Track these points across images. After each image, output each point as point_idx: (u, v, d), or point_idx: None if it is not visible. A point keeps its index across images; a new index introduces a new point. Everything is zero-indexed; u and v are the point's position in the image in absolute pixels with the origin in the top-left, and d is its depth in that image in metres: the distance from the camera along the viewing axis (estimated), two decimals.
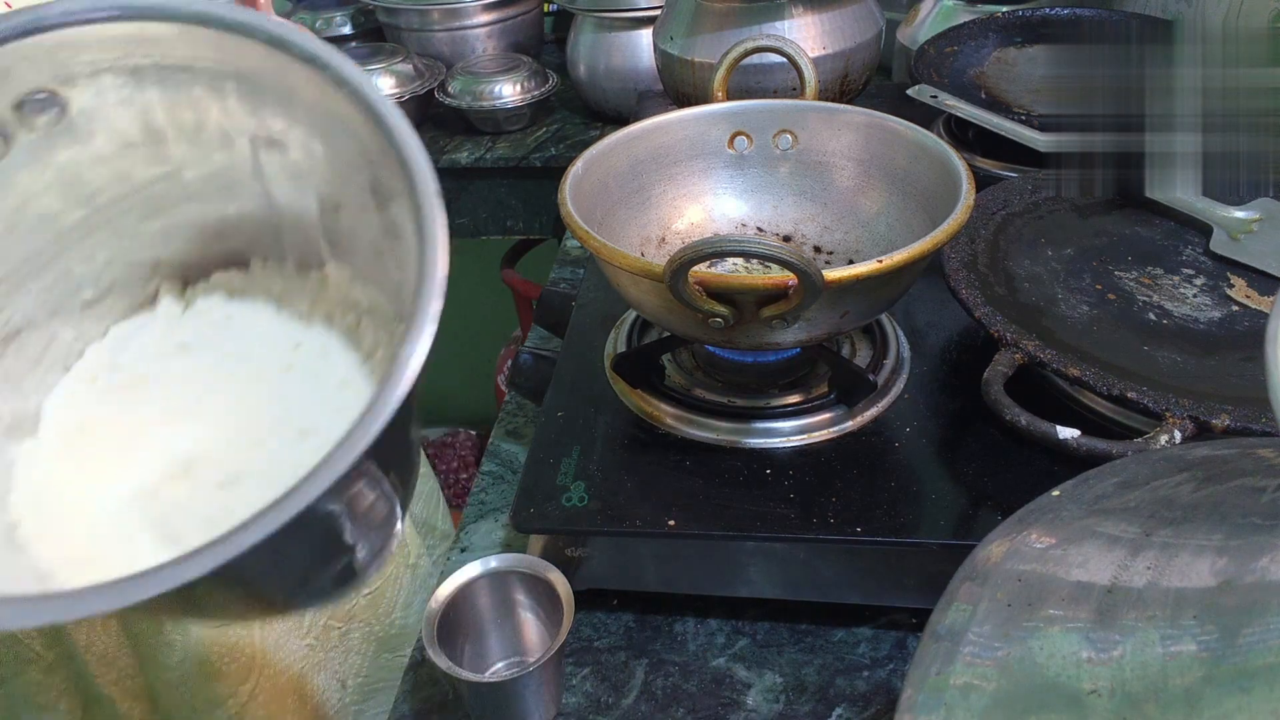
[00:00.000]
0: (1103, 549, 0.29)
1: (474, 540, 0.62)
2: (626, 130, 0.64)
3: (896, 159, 0.61)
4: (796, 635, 0.53)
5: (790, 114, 0.66)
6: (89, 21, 0.29)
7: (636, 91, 1.18)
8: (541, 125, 1.29)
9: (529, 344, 0.80)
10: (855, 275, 0.46)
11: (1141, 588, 0.26)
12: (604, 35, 1.20)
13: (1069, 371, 0.50)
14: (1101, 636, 0.25)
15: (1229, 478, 0.31)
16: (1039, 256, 0.63)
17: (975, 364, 0.54)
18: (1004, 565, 0.30)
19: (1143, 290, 0.60)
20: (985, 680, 0.26)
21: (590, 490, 0.52)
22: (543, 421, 0.58)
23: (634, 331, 0.65)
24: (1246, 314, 0.58)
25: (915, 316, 0.65)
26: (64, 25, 0.29)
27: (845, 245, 0.65)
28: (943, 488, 0.52)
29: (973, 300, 0.56)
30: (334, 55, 0.29)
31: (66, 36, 0.29)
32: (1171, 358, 0.54)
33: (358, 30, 1.40)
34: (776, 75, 0.85)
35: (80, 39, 0.30)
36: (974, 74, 0.93)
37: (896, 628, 0.53)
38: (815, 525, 0.49)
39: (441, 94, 1.25)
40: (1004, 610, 0.28)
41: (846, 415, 0.56)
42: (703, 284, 0.46)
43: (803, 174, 0.66)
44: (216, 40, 0.30)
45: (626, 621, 0.55)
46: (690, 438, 0.56)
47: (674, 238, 0.66)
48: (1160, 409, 0.48)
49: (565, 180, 0.56)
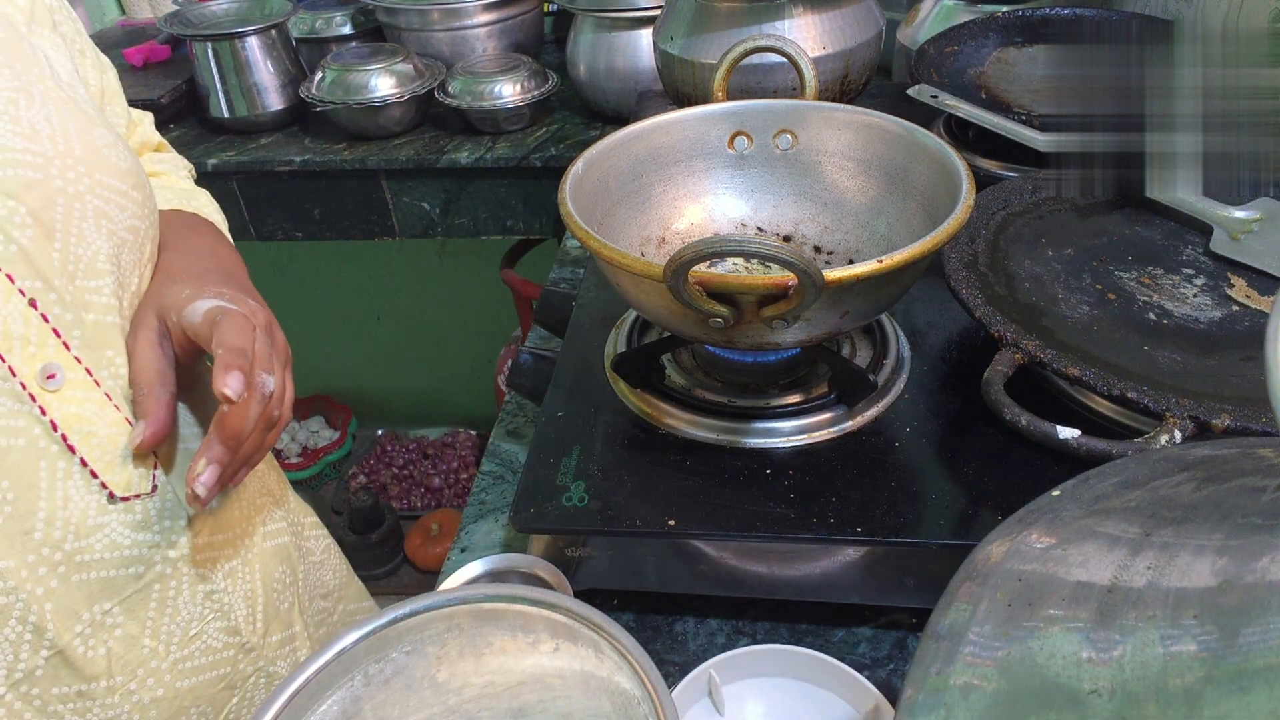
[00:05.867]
0: (1103, 549, 0.29)
1: (474, 540, 0.62)
2: (626, 130, 0.64)
3: (896, 159, 0.61)
4: (797, 635, 0.53)
5: (790, 114, 0.66)
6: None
7: (636, 91, 1.18)
8: (541, 125, 1.29)
9: (529, 344, 0.80)
10: (855, 275, 0.46)
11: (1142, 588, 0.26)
12: (604, 35, 1.20)
13: (1069, 371, 0.50)
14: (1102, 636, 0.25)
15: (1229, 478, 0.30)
16: (1039, 256, 0.63)
17: (975, 364, 0.54)
18: (1004, 565, 0.30)
19: (1143, 290, 0.60)
20: (985, 680, 0.26)
21: (590, 490, 0.52)
22: (543, 421, 0.58)
23: (634, 331, 0.65)
24: (1247, 314, 0.58)
25: (915, 316, 0.65)
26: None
27: (845, 245, 0.65)
28: (943, 488, 0.52)
29: (973, 300, 0.56)
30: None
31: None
32: (1172, 357, 0.54)
33: (358, 30, 1.40)
34: (776, 75, 0.85)
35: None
36: (974, 74, 0.93)
37: (896, 627, 0.53)
38: (815, 525, 0.49)
39: (441, 94, 1.25)
40: (1004, 610, 0.28)
41: (846, 415, 0.56)
42: (703, 284, 0.46)
43: (803, 174, 0.66)
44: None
45: (627, 621, 0.55)
46: (690, 438, 0.56)
47: (674, 238, 0.66)
48: (1160, 409, 0.48)
49: (565, 180, 0.56)
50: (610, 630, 0.35)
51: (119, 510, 0.43)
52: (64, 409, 0.41)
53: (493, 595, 0.37)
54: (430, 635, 0.37)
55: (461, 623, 0.37)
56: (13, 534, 0.40)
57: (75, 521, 0.42)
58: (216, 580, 0.50)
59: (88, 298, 0.43)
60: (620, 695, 0.35)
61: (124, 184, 0.46)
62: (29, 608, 0.41)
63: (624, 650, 0.34)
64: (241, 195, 1.31)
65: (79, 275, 0.42)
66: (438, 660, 0.38)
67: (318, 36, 1.40)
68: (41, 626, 0.41)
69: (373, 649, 0.36)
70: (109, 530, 0.43)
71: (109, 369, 0.44)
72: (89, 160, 0.44)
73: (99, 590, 0.43)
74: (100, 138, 0.46)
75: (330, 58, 1.27)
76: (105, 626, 0.44)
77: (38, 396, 0.40)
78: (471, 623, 0.37)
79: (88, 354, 0.42)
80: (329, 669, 0.35)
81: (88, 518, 0.42)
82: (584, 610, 0.36)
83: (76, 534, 0.42)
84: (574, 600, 0.36)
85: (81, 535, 0.42)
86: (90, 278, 0.43)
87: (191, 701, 0.49)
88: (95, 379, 0.43)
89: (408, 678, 0.38)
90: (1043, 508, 0.33)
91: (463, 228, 1.31)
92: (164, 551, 0.46)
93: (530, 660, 0.38)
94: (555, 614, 0.36)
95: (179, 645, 0.47)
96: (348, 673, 0.36)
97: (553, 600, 0.36)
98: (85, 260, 0.43)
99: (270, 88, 1.28)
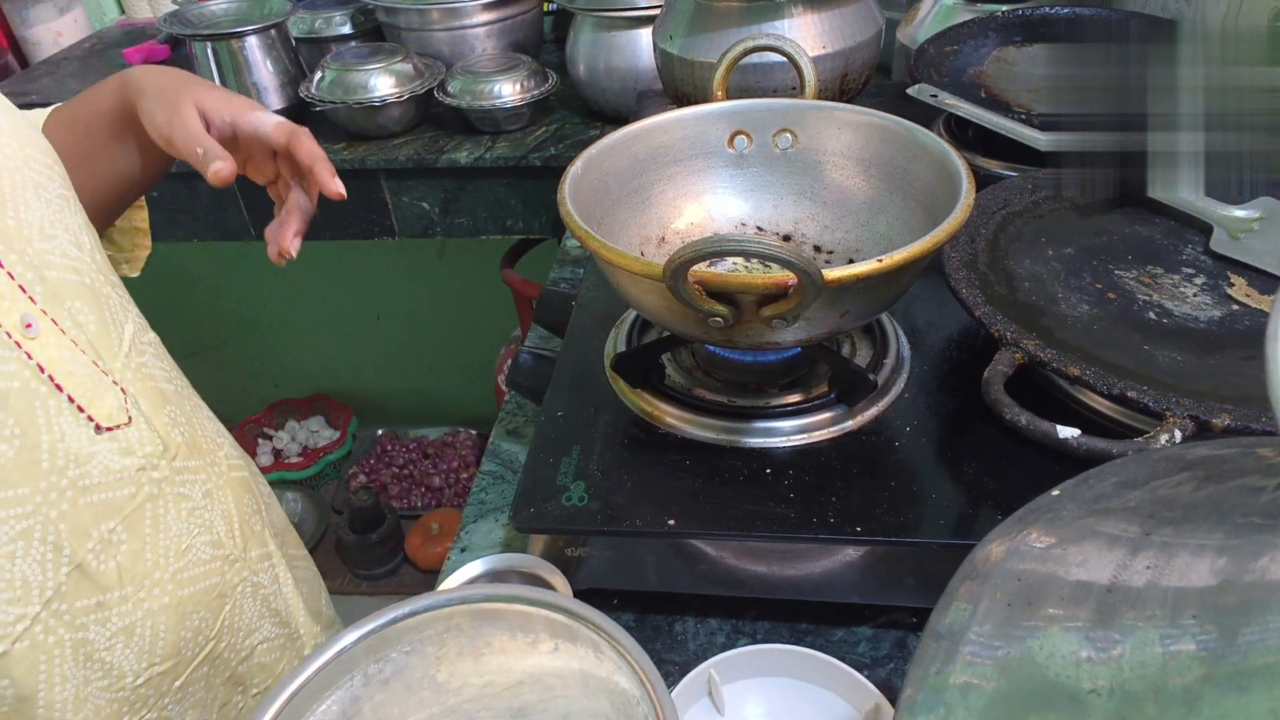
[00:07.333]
0: (1102, 548, 0.29)
1: (474, 540, 0.62)
2: (626, 130, 0.64)
3: (896, 158, 0.61)
4: (797, 635, 0.53)
5: (790, 113, 0.66)
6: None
7: (636, 91, 1.18)
8: (541, 125, 1.29)
9: (529, 344, 0.80)
10: (855, 275, 0.46)
11: (1141, 587, 0.26)
12: (603, 35, 1.20)
13: (1069, 371, 0.50)
14: (1101, 636, 0.25)
15: (1229, 477, 0.30)
16: (1039, 256, 0.63)
17: (975, 363, 0.54)
18: (1004, 565, 0.30)
19: (1143, 289, 0.60)
20: (985, 680, 0.26)
21: (590, 490, 0.52)
22: (542, 421, 0.58)
23: (634, 331, 0.65)
24: (1247, 313, 0.58)
25: (915, 316, 0.65)
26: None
27: (845, 244, 0.65)
28: (943, 487, 0.52)
29: (973, 299, 0.56)
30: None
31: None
32: (1172, 357, 0.54)
33: (357, 30, 1.40)
34: (776, 74, 0.85)
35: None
36: (974, 73, 0.93)
37: (896, 627, 0.53)
38: (815, 525, 0.49)
39: (441, 93, 1.25)
40: (1004, 610, 0.28)
41: (846, 415, 0.56)
42: (702, 283, 0.46)
43: (802, 173, 0.66)
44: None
45: (627, 621, 0.55)
46: (690, 437, 0.56)
47: (674, 237, 0.66)
48: (1160, 408, 0.48)
49: (565, 180, 0.56)
50: (609, 630, 0.35)
51: (105, 439, 0.48)
52: (45, 354, 0.45)
53: (492, 595, 0.37)
54: (430, 635, 0.37)
55: (461, 623, 0.37)
56: (25, 464, 0.44)
57: (73, 451, 0.46)
58: (197, 499, 0.55)
59: (46, 258, 0.47)
60: (619, 695, 0.35)
61: (47, 158, 0.51)
62: (47, 529, 0.45)
63: (623, 650, 0.34)
64: (241, 195, 1.31)
65: (35, 239, 0.47)
66: (437, 660, 0.38)
67: (317, 36, 1.40)
68: (60, 545, 0.46)
69: (372, 649, 0.36)
70: (101, 457, 0.48)
71: (72, 319, 0.48)
72: (18, 138, 0.49)
73: (102, 510, 0.48)
74: (21, 117, 0.51)
75: (330, 57, 1.27)
76: (112, 543, 0.49)
77: (22, 344, 0.44)
78: (471, 623, 0.37)
79: (52, 307, 0.47)
80: (329, 669, 0.35)
81: (82, 447, 0.47)
82: (583, 610, 0.36)
83: (76, 461, 0.46)
84: (573, 600, 0.36)
85: (80, 463, 0.47)
86: (44, 240, 0.48)
87: (193, 608, 0.54)
88: (61, 328, 0.47)
89: (407, 678, 0.38)
90: (1042, 507, 0.33)
91: (462, 227, 1.31)
92: (149, 474, 0.51)
93: (529, 660, 0.38)
94: (554, 614, 0.36)
95: (175, 558, 0.53)
96: (347, 673, 0.36)
97: (552, 600, 0.36)
98: (35, 225, 0.47)
99: (270, 87, 1.28)
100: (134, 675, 0.51)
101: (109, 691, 0.50)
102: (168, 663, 0.53)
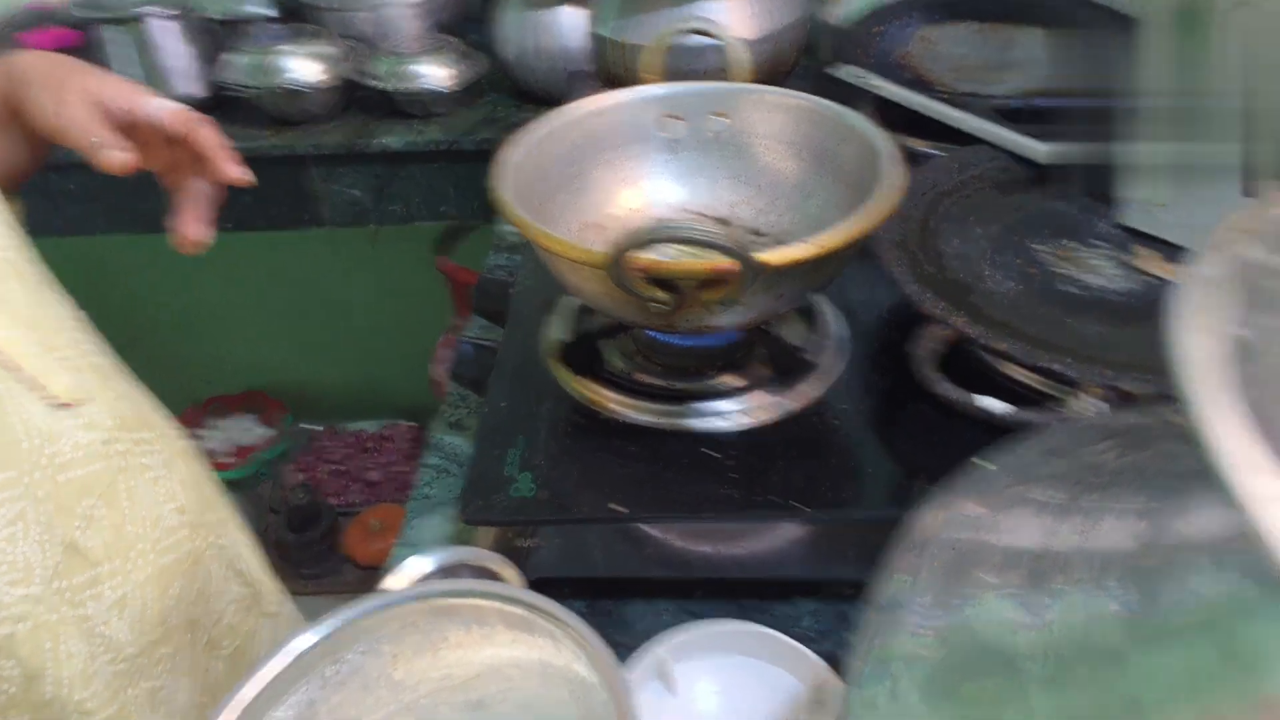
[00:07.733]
0: (1032, 515, 0.30)
1: (421, 536, 0.62)
2: (559, 112, 0.63)
3: (826, 140, 0.62)
4: (743, 612, 0.54)
5: (721, 96, 0.66)
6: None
7: (566, 72, 1.17)
8: (473, 107, 1.27)
9: (470, 334, 0.79)
10: (793, 259, 0.47)
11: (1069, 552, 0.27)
12: (530, 14, 1.18)
13: (996, 346, 0.52)
14: (1034, 601, 0.26)
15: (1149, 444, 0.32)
16: (967, 234, 0.65)
17: (910, 342, 0.56)
18: (940, 535, 0.31)
19: (1060, 263, 0.62)
20: (928, 649, 0.27)
21: (538, 480, 0.53)
22: (486, 413, 0.58)
23: (575, 317, 0.65)
24: (1162, 285, 0.61)
25: (850, 296, 0.66)
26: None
27: (780, 228, 0.65)
28: (881, 463, 0.53)
29: (902, 278, 0.57)
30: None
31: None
32: (1094, 329, 0.56)
33: (277, 11, 1.35)
34: (708, 57, 0.85)
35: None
36: (899, 54, 0.94)
37: (839, 599, 0.55)
38: (758, 504, 0.50)
39: (365, 76, 1.22)
40: (941, 579, 0.29)
41: (787, 395, 0.57)
42: (644, 270, 0.47)
43: (736, 157, 0.67)
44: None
45: (579, 608, 0.54)
46: (633, 422, 0.56)
47: (612, 223, 0.66)
48: (1082, 379, 0.50)
49: (497, 165, 0.56)
50: (565, 619, 0.35)
51: (69, 415, 0.49)
52: None
53: (447, 591, 0.37)
54: (386, 634, 0.37)
55: (417, 620, 0.37)
56: (6, 445, 0.44)
57: (43, 430, 0.46)
58: (157, 468, 0.56)
59: None
60: (578, 683, 0.35)
61: None
62: (38, 509, 0.46)
63: (580, 639, 0.34)
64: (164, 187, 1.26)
65: None
66: (394, 658, 0.38)
67: (235, 18, 1.35)
68: (50, 524, 0.46)
69: (328, 651, 0.36)
70: (69, 435, 0.48)
71: (11, 300, 0.48)
72: None
73: (80, 487, 0.49)
74: None
75: (246, 40, 1.22)
76: (95, 519, 0.50)
77: None
78: (427, 619, 0.37)
79: None
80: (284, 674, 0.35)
81: (49, 425, 0.47)
82: (538, 601, 0.36)
83: (49, 439, 0.47)
84: (528, 592, 0.37)
85: (52, 440, 0.47)
86: None
87: (173, 576, 0.55)
88: (7, 310, 0.47)
89: (364, 677, 0.37)
90: (975, 478, 0.34)
91: (396, 214, 1.28)
92: (114, 446, 0.51)
93: (487, 652, 0.38)
94: (510, 606, 0.36)
95: (150, 527, 0.54)
96: (303, 676, 0.36)
97: (507, 593, 0.36)
98: None
99: (186, 73, 1.23)
100: (131, 646, 0.52)
101: (112, 665, 0.51)
102: (157, 631, 0.54)
